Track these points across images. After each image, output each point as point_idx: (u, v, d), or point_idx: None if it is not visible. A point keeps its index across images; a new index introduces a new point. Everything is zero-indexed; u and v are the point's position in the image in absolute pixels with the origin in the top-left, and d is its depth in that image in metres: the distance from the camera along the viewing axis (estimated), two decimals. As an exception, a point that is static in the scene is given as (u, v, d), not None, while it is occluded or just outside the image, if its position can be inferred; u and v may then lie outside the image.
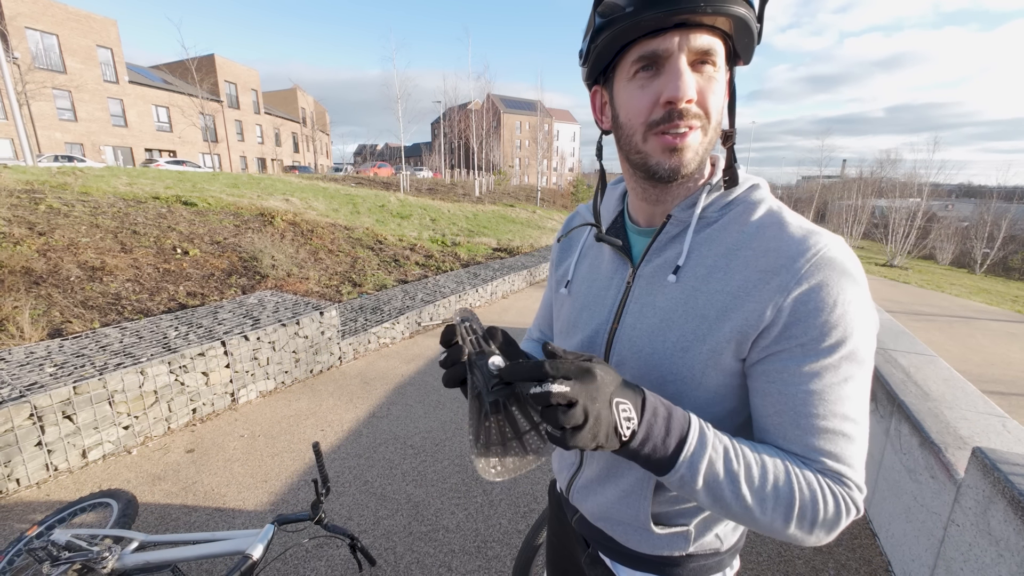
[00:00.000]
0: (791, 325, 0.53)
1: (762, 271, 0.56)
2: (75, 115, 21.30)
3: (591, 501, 0.76)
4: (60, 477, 2.53)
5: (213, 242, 5.72)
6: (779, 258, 0.55)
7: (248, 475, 2.63)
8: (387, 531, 2.22)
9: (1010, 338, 6.89)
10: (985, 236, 24.55)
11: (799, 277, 0.53)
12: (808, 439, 0.54)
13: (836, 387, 0.53)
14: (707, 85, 0.55)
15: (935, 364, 2.61)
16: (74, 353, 2.95)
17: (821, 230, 0.57)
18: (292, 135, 40.10)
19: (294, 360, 3.80)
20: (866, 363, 0.54)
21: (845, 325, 0.52)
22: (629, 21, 0.52)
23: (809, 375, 0.53)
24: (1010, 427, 1.89)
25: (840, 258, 0.54)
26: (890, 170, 30.82)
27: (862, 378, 0.54)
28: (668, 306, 0.62)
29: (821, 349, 0.53)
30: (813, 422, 0.53)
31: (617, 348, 0.67)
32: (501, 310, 6.38)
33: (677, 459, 0.50)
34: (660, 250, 0.65)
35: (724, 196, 0.62)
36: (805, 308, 0.53)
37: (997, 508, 1.36)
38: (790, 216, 0.59)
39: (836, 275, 0.53)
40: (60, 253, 4.34)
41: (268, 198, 8.68)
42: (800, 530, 0.52)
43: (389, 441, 3.01)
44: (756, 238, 0.58)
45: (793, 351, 0.54)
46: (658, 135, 0.56)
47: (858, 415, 0.54)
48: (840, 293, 0.52)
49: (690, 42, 0.53)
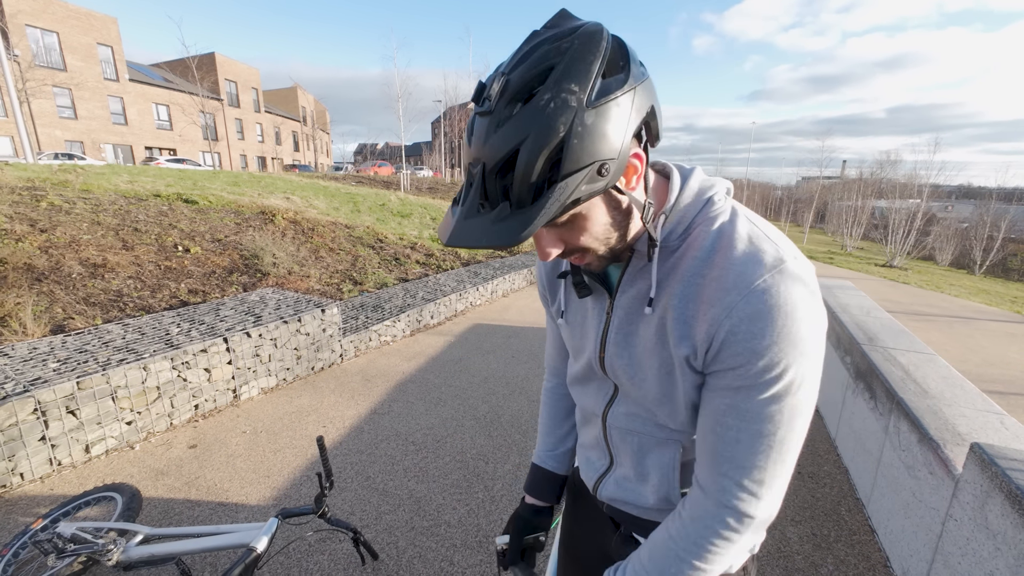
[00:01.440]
0: (721, 352, 0.56)
1: (705, 301, 0.57)
2: (75, 113, 21.30)
3: (627, 498, 0.79)
4: (64, 472, 2.55)
5: (214, 240, 5.73)
6: (718, 289, 0.55)
7: (251, 470, 2.64)
8: (389, 526, 2.24)
9: (1009, 338, 6.91)
10: (984, 237, 24.57)
11: (731, 309, 0.54)
12: (719, 445, 0.59)
13: (757, 413, 0.55)
14: (570, 234, 0.55)
15: (934, 362, 2.63)
16: (77, 349, 2.96)
17: (767, 253, 0.55)
18: (292, 134, 40.09)
19: (296, 357, 3.81)
20: (794, 393, 0.54)
21: (774, 353, 0.52)
22: None
23: (734, 392, 0.57)
24: (1008, 424, 1.90)
25: (778, 286, 0.53)
26: (890, 171, 30.85)
27: (789, 407, 0.55)
28: (646, 334, 0.64)
29: (749, 374, 0.54)
30: (725, 431, 0.58)
31: (611, 371, 0.72)
32: (502, 308, 6.39)
33: None
34: (631, 281, 0.66)
35: (681, 222, 0.61)
36: (734, 338, 0.54)
37: (995, 502, 1.38)
38: (740, 233, 0.58)
39: (768, 305, 0.52)
40: (62, 250, 4.35)
41: (269, 196, 8.69)
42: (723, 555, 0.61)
43: (391, 437, 3.02)
44: (705, 264, 0.58)
45: (725, 373, 0.57)
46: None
47: (775, 433, 0.56)
48: (771, 323, 0.52)
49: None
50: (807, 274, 0.55)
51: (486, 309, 6.32)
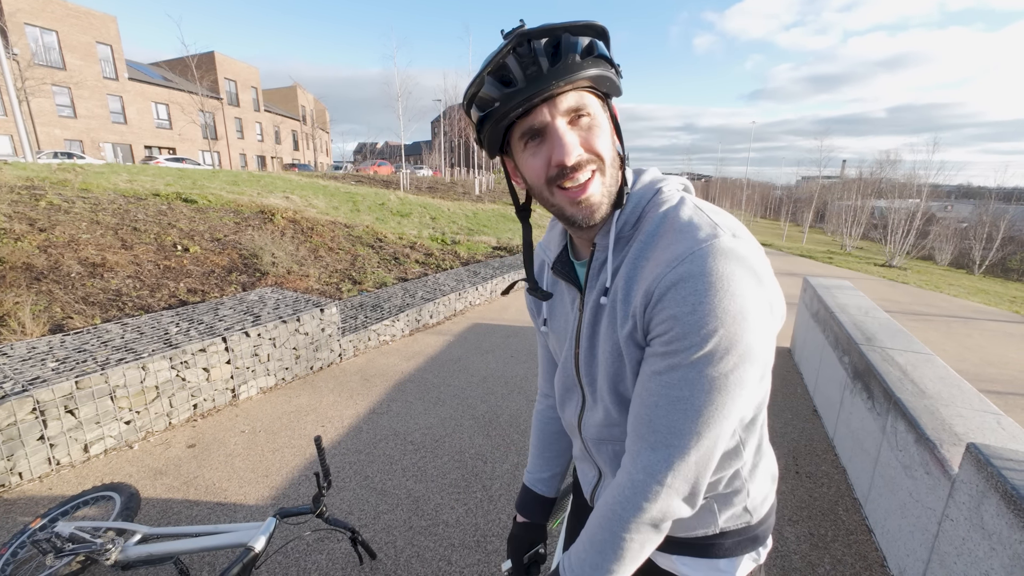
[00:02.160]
0: (652, 320, 0.58)
1: (644, 278, 0.60)
2: (75, 112, 21.27)
3: None
4: (62, 471, 2.55)
5: (213, 239, 5.73)
6: (656, 266, 0.58)
7: (249, 470, 2.64)
8: (387, 525, 2.24)
9: (1008, 338, 6.91)
10: (984, 237, 24.58)
11: (660, 279, 0.56)
12: (640, 429, 0.60)
13: (677, 386, 0.56)
14: (589, 133, 0.60)
15: (932, 363, 2.63)
16: (76, 348, 2.96)
17: (702, 229, 0.57)
18: (292, 133, 40.06)
19: (294, 357, 3.82)
20: (719, 368, 0.54)
21: (695, 323, 0.53)
22: (500, 112, 0.59)
23: (657, 374, 0.58)
24: (1005, 424, 1.91)
25: (705, 257, 0.54)
26: (890, 171, 30.84)
27: (710, 380, 0.55)
28: (604, 323, 0.68)
29: (672, 351, 0.56)
30: (647, 414, 0.59)
31: (583, 370, 0.73)
32: (500, 308, 6.39)
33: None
34: (596, 276, 0.69)
35: (634, 212, 0.66)
36: (661, 305, 0.56)
37: (990, 502, 1.38)
38: (683, 214, 0.61)
39: (697, 278, 0.54)
40: (61, 249, 4.35)
41: (268, 195, 8.68)
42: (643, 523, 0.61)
43: (389, 437, 3.03)
44: (649, 246, 0.62)
45: (654, 346, 0.58)
46: (562, 189, 0.62)
47: (693, 419, 0.56)
48: (693, 293, 0.53)
49: (559, 107, 0.59)
50: (744, 250, 0.56)
51: (485, 309, 6.32)
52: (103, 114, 22.54)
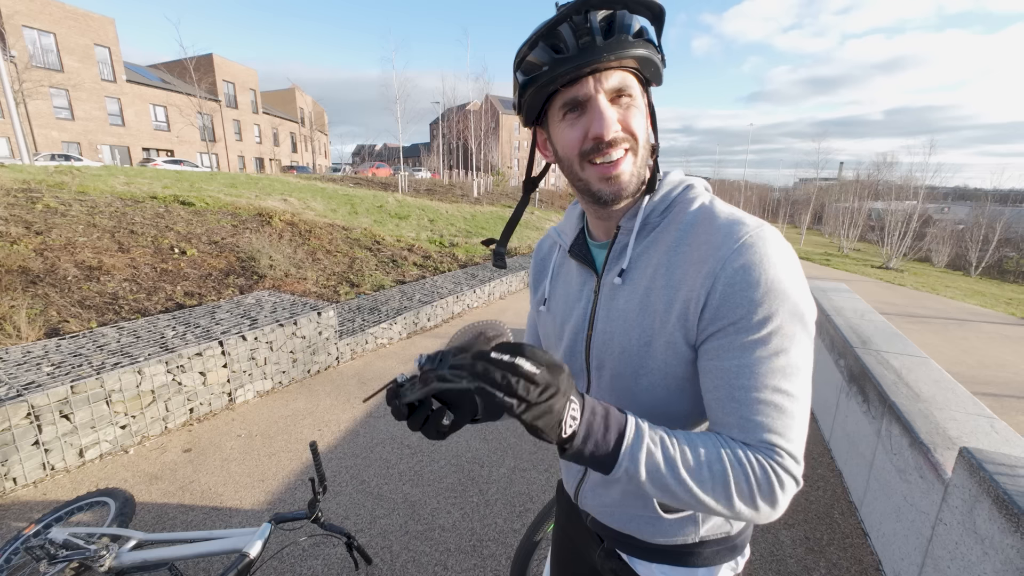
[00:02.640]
0: (721, 306, 0.58)
1: (695, 262, 0.61)
2: (72, 114, 21.23)
3: (599, 502, 0.80)
4: (57, 476, 2.54)
5: (211, 242, 5.72)
6: (708, 248, 0.60)
7: (245, 475, 2.64)
8: (383, 530, 2.24)
9: (1004, 340, 6.94)
10: (980, 239, 24.70)
11: (724, 262, 0.58)
12: (742, 411, 0.57)
13: (766, 360, 0.56)
14: (627, 112, 0.62)
15: (927, 366, 2.64)
16: (71, 352, 2.95)
17: (748, 218, 0.61)
18: (290, 135, 40.05)
19: (291, 360, 3.81)
20: (796, 336, 0.57)
21: (771, 302, 0.56)
22: (547, 77, 0.60)
23: (740, 350, 0.57)
24: (998, 428, 1.92)
25: (764, 241, 0.58)
26: (886, 173, 30.99)
27: (795, 351, 0.57)
28: (627, 307, 0.68)
29: (750, 325, 0.56)
30: (746, 394, 0.57)
31: (594, 352, 0.72)
32: (499, 311, 6.40)
33: (619, 453, 0.52)
34: (616, 259, 0.71)
35: (663, 200, 0.68)
36: (731, 289, 0.57)
37: (983, 507, 1.39)
38: (720, 208, 0.64)
39: (759, 256, 0.57)
40: (57, 252, 4.34)
41: (266, 198, 8.68)
42: (744, 504, 0.54)
43: (386, 441, 3.02)
44: (690, 233, 0.64)
45: (727, 330, 0.58)
46: (593, 165, 0.63)
47: (791, 387, 0.56)
48: (763, 273, 0.56)
49: (604, 83, 0.60)
50: (782, 238, 0.61)
51: (483, 311, 6.32)
52: (101, 116, 22.50)
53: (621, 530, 0.78)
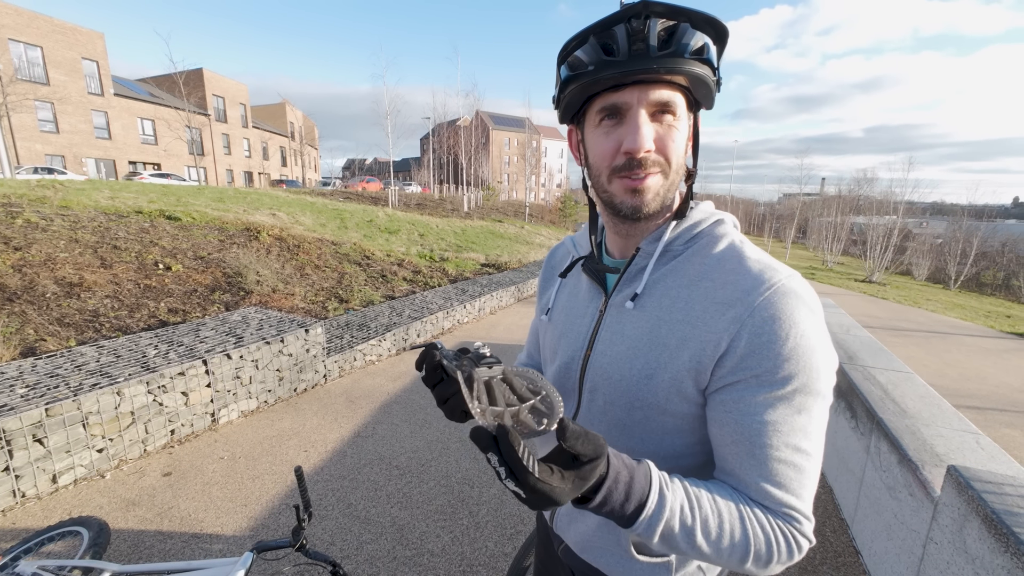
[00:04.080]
0: (746, 356, 0.55)
1: (719, 303, 0.58)
2: (57, 127, 20.97)
3: (574, 529, 0.77)
4: (28, 504, 2.43)
5: (196, 257, 5.64)
6: (736, 290, 0.57)
7: (227, 499, 2.55)
8: (371, 556, 2.17)
9: (984, 353, 7.08)
10: (958, 253, 25.37)
11: (753, 309, 0.55)
12: (762, 470, 0.55)
13: (789, 418, 0.54)
14: (667, 133, 0.59)
15: (912, 381, 2.68)
16: (47, 373, 2.86)
17: (779, 265, 0.59)
18: (280, 149, 39.98)
19: (278, 378, 3.73)
20: (821, 395, 0.55)
21: (798, 357, 0.53)
22: (591, 78, 0.57)
23: (763, 405, 0.55)
24: (984, 444, 1.94)
25: (795, 292, 0.55)
26: (867, 188, 31.84)
27: (817, 410, 0.55)
28: (635, 335, 0.65)
29: (775, 380, 0.54)
30: (766, 453, 0.55)
31: (589, 375, 0.70)
32: (489, 326, 6.37)
33: (635, 521, 0.50)
34: (629, 281, 0.68)
35: (690, 230, 0.65)
36: (759, 340, 0.54)
37: (972, 526, 1.39)
38: (750, 251, 0.62)
39: (790, 308, 0.54)
40: (36, 268, 4.24)
41: (254, 212, 8.61)
42: (757, 567, 0.54)
43: (374, 462, 2.96)
44: (716, 270, 0.61)
45: (748, 382, 0.55)
46: (621, 178, 0.61)
47: (810, 447, 0.55)
48: (793, 326, 0.54)
49: (648, 96, 0.57)
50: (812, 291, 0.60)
51: (474, 327, 6.29)
52: (87, 129, 22.26)
53: (593, 564, 0.75)
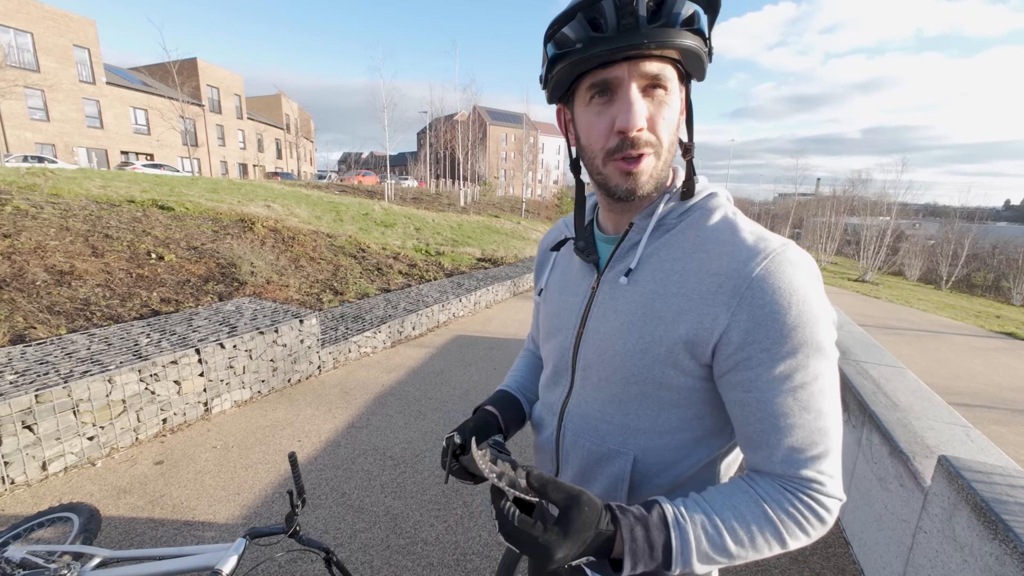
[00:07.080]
0: (752, 330, 0.54)
1: (715, 274, 0.58)
2: (47, 115, 20.65)
3: None
4: (17, 491, 2.41)
5: (190, 247, 5.58)
6: (731, 261, 0.57)
7: (220, 487, 2.54)
8: (364, 544, 2.17)
9: (974, 352, 7.17)
10: (950, 254, 25.65)
11: (751, 281, 0.55)
12: (789, 440, 0.55)
13: (807, 385, 0.54)
14: (657, 110, 0.58)
15: (903, 376, 2.70)
16: (37, 360, 2.83)
17: (772, 236, 0.59)
18: (275, 141, 39.63)
19: (271, 369, 3.71)
20: (830, 355, 0.56)
21: (804, 324, 0.53)
22: (579, 56, 0.56)
23: (780, 379, 0.54)
24: (973, 436, 1.96)
25: (790, 259, 0.55)
26: (861, 189, 32.05)
27: (829, 370, 0.55)
28: (628, 309, 0.64)
29: (786, 352, 0.54)
30: (791, 422, 0.54)
31: (583, 352, 0.70)
32: (484, 320, 6.36)
33: (670, 566, 0.53)
34: (622, 256, 0.67)
35: (682, 203, 0.65)
36: (762, 312, 0.54)
37: (961, 515, 1.41)
38: (744, 222, 0.61)
39: (788, 276, 0.54)
40: (26, 256, 4.18)
41: (249, 204, 8.53)
42: (797, 542, 0.56)
43: (368, 452, 2.95)
44: (710, 241, 0.60)
45: (760, 357, 0.54)
46: (615, 160, 0.60)
47: (828, 407, 0.55)
48: (794, 294, 0.53)
49: (639, 70, 0.56)
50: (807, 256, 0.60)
51: (468, 320, 6.28)
52: (78, 118, 21.94)
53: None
